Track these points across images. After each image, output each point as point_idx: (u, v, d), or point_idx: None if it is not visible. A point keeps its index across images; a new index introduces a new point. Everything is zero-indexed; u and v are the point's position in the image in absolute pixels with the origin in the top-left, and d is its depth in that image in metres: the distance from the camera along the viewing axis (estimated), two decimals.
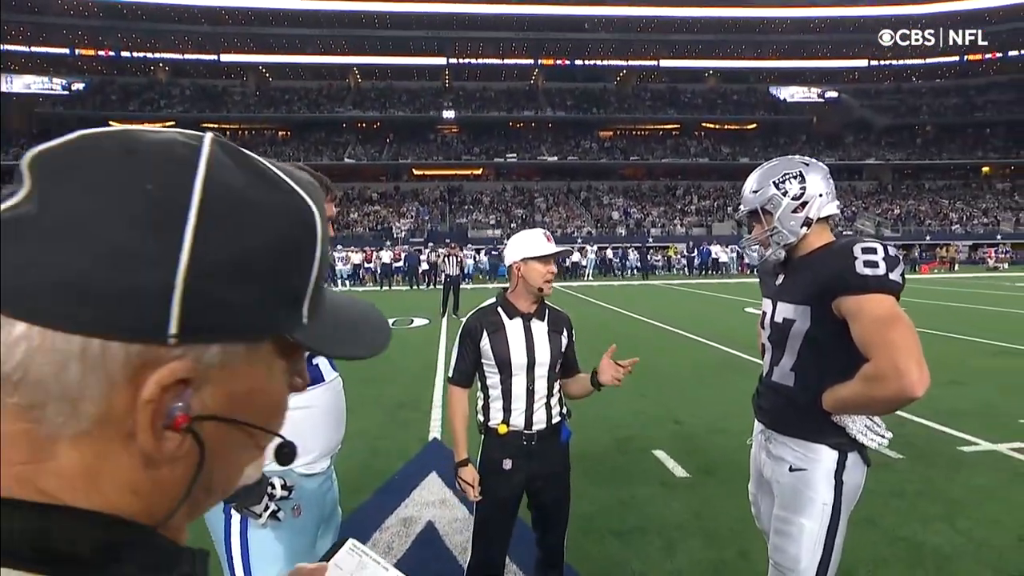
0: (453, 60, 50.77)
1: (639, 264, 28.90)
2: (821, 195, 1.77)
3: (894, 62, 52.51)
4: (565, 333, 2.28)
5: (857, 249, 1.60)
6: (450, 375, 2.26)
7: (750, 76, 54.04)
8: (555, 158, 47.08)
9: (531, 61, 52.01)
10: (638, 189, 47.27)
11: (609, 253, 30.44)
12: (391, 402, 5.88)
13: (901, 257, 1.63)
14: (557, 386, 2.27)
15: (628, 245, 32.04)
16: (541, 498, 2.27)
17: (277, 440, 0.47)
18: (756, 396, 1.98)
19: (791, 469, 1.76)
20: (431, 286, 22.49)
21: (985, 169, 49.66)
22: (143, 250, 0.34)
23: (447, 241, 21.44)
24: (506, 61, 52.40)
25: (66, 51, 46.11)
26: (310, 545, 1.64)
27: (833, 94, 52.02)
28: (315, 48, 49.29)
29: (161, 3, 44.40)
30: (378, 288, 23.10)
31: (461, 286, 14.35)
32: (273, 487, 1.47)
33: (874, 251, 1.58)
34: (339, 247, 27.24)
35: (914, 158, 48.65)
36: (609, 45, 51.26)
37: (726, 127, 51.25)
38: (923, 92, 53.91)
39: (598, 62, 52.56)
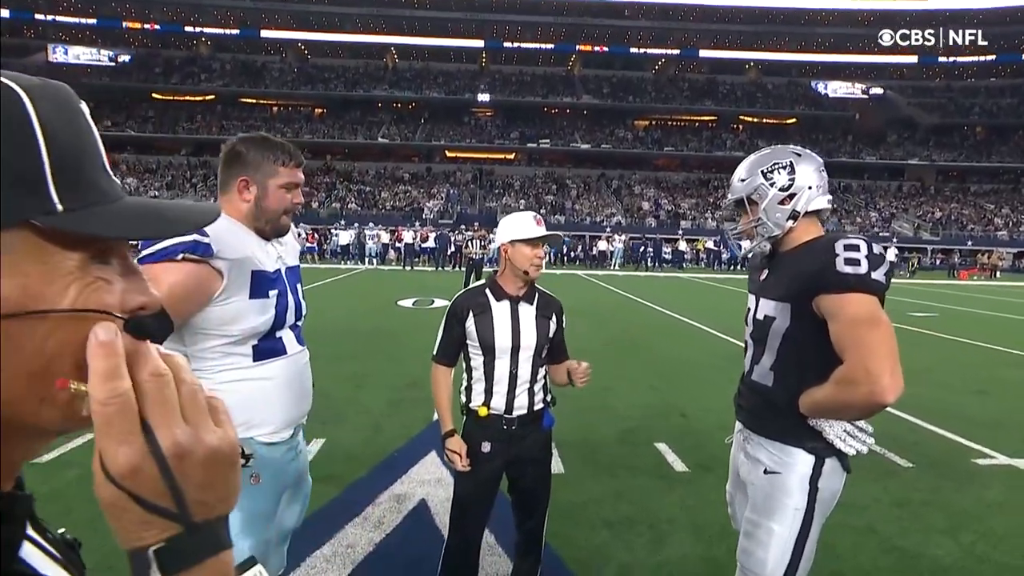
0: (491, 42, 50.41)
1: (653, 255, 27.88)
2: (811, 188, 1.68)
3: (945, 59, 50.44)
4: (554, 318, 2.24)
5: (839, 245, 1.52)
6: (434, 353, 2.26)
7: (792, 69, 52.44)
8: (588, 145, 46.55)
9: (569, 47, 51.34)
10: (670, 180, 46.59)
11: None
12: (401, 381, 5.92)
13: (886, 255, 1.55)
14: (542, 372, 2.24)
15: (653, 237, 31.53)
16: (521, 483, 2.27)
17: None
18: (737, 394, 1.93)
19: (765, 471, 1.71)
20: (456, 268, 22.55)
21: None
22: None
23: (474, 224, 21.42)
24: (543, 46, 51.77)
25: (114, 23, 47.00)
26: (271, 513, 1.66)
27: (878, 90, 50.23)
28: (354, 26, 49.33)
29: None
30: (402, 268, 23.17)
31: (484, 269, 14.40)
32: None
33: (857, 248, 1.51)
34: (371, 224, 27.51)
35: (961, 160, 46.86)
36: (648, 33, 50.25)
37: (764, 121, 49.94)
38: (975, 91, 51.76)
39: (636, 50, 51.61)
